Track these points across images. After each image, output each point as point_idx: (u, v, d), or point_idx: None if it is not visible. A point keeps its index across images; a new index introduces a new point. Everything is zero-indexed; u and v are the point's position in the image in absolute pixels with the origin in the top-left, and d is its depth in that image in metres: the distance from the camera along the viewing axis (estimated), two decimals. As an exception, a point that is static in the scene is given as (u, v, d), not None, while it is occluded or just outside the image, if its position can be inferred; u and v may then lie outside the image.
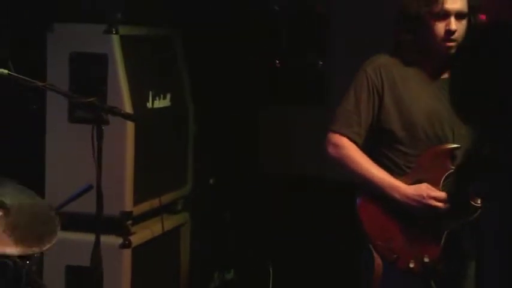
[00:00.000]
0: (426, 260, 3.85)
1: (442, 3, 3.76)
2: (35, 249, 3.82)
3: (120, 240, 4.93)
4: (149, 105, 5.27)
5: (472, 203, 3.79)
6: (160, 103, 5.43)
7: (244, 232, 5.94)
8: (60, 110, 4.94)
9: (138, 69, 5.14)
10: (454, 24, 3.77)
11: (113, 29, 4.90)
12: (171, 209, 5.63)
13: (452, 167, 3.86)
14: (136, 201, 5.08)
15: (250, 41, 5.87)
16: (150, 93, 5.29)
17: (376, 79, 3.95)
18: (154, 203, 5.32)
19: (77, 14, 5.08)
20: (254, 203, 5.81)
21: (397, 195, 3.86)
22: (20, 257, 3.88)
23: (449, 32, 3.77)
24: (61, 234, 4.12)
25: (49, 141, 5.07)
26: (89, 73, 4.97)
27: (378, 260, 3.97)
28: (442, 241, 3.86)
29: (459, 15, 3.78)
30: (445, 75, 3.98)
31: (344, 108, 4.01)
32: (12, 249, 3.70)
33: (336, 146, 3.99)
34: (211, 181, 5.95)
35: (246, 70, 5.89)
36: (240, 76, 5.89)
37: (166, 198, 5.46)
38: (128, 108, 4.90)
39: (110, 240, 4.79)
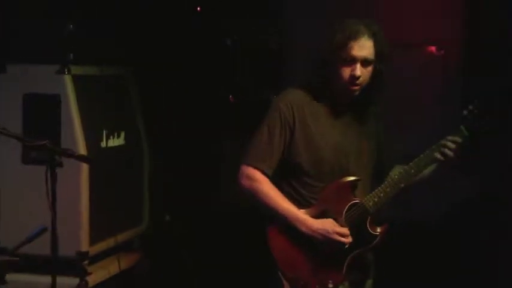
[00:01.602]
0: (330, 285, 3.92)
1: (349, 50, 3.85)
2: None
3: (76, 281, 4.81)
4: (103, 144, 5.21)
5: (371, 231, 3.91)
6: (115, 142, 5.37)
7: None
8: (13, 151, 4.83)
9: (92, 109, 5.09)
10: (358, 70, 3.85)
11: (65, 69, 4.84)
12: (128, 247, 5.57)
13: (355, 198, 3.94)
14: (93, 241, 5.00)
15: (204, 76, 5.81)
16: (104, 132, 5.23)
17: (288, 115, 3.99)
18: (111, 241, 5.26)
19: (29, 54, 5.03)
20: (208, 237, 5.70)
21: (303, 229, 3.90)
22: None
23: (353, 77, 3.85)
24: (17, 277, 4.24)
25: (2, 182, 4.98)
26: (42, 114, 4.90)
27: (286, 285, 3.98)
28: (344, 268, 3.92)
29: (365, 62, 3.87)
30: (351, 113, 4.08)
31: (258, 141, 4.01)
32: None
33: (249, 178, 4.01)
34: (167, 218, 5.87)
35: (202, 105, 5.87)
36: (196, 111, 5.85)
37: (122, 236, 5.43)
38: (82, 149, 4.84)
39: (67, 282, 4.69)
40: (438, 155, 3.88)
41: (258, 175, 3.98)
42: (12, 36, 5.21)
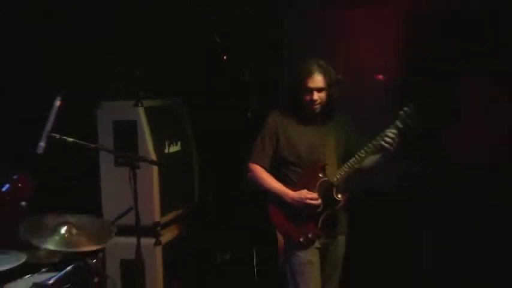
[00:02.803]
0: (310, 235, 4.60)
1: (307, 84, 4.54)
2: (99, 246, 4.50)
3: (153, 241, 5.54)
4: (166, 151, 5.83)
5: (336, 198, 4.56)
6: (174, 149, 5.98)
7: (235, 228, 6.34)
8: (108, 158, 5.54)
9: (157, 128, 5.67)
10: (315, 95, 4.56)
11: (139, 103, 5.54)
12: (186, 217, 6.19)
13: (323, 177, 4.57)
14: (162, 214, 5.67)
15: (229, 101, 6.23)
16: (166, 142, 5.85)
17: (273, 126, 4.69)
18: (174, 214, 5.94)
19: (115, 94, 5.67)
20: (241, 210, 6.17)
21: (287, 198, 4.58)
22: (89, 256, 4.56)
23: (312, 101, 4.57)
24: (115, 239, 4.78)
25: (102, 179, 5.69)
26: (125, 134, 5.52)
27: (281, 238, 4.72)
28: (319, 223, 4.58)
29: (319, 90, 4.56)
30: (317, 121, 4.69)
31: (256, 146, 4.71)
32: (86, 247, 4.41)
33: (252, 170, 4.73)
34: (210, 198, 6.45)
35: (229, 120, 6.21)
36: (225, 125, 6.22)
37: (181, 210, 6.09)
38: (152, 155, 5.52)
39: (147, 241, 5.33)
40: (381, 142, 4.42)
41: (257, 168, 4.72)
42: (103, 83, 5.79)
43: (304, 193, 4.54)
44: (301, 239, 4.58)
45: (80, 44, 5.94)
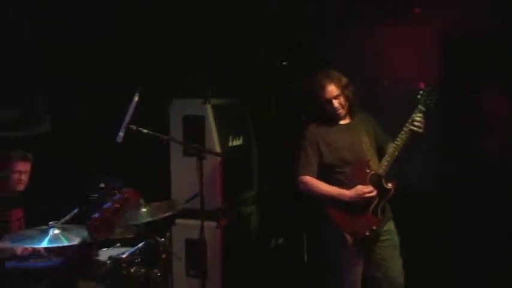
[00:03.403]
0: (374, 227, 4.71)
1: (324, 95, 4.71)
2: (167, 213, 4.80)
3: (215, 224, 5.77)
4: (230, 144, 6.12)
5: (386, 187, 4.67)
6: (236, 142, 6.26)
7: (290, 217, 6.47)
8: (178, 149, 5.87)
9: (222, 123, 5.96)
10: (335, 103, 4.73)
11: (207, 101, 5.89)
12: (245, 203, 6.47)
13: (370, 171, 4.67)
14: (224, 201, 5.93)
15: (282, 105, 6.51)
16: (230, 137, 6.15)
17: (312, 136, 4.80)
18: (234, 201, 6.18)
19: (186, 93, 5.98)
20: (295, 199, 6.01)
21: (344, 198, 4.66)
22: (158, 235, 4.80)
23: (334, 109, 4.75)
24: (182, 221, 5.61)
25: (172, 167, 6.01)
26: (194, 128, 5.82)
27: (349, 237, 4.70)
28: (379, 214, 4.70)
29: (335, 97, 4.73)
30: (344, 122, 4.84)
31: (300, 159, 4.81)
32: (156, 217, 4.68)
33: (303, 182, 4.78)
34: (267, 186, 6.63)
35: (283, 121, 6.46)
36: (280, 123, 6.50)
37: (241, 197, 6.37)
38: (217, 147, 5.83)
39: (209, 224, 5.51)
40: (411, 127, 4.56)
41: (307, 178, 4.78)
42: (175, 82, 6.13)
43: (360, 188, 4.63)
44: (367, 233, 4.67)
45: (158, 47, 6.37)
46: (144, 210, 4.82)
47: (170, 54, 6.37)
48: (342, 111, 4.77)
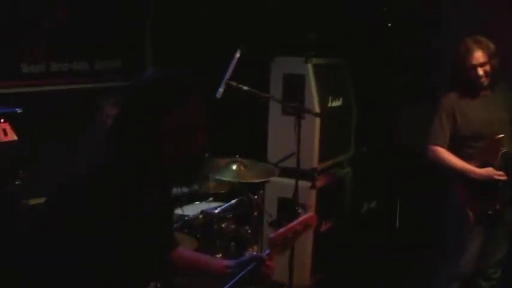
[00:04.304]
0: (497, 207, 4.63)
1: (471, 61, 4.56)
2: (262, 179, 4.91)
3: (309, 184, 5.79)
4: (329, 105, 6.07)
5: None
6: (336, 103, 6.21)
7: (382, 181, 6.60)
8: (277, 107, 5.85)
9: (323, 83, 5.90)
10: (480, 71, 4.56)
11: (308, 60, 5.80)
12: (341, 165, 6.48)
13: (503, 148, 4.54)
14: (320, 161, 5.92)
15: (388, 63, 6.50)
16: (330, 97, 6.09)
17: (449, 106, 4.69)
18: (331, 162, 6.20)
19: (288, 50, 5.97)
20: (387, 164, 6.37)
21: (474, 175, 4.58)
22: (251, 192, 4.87)
23: (478, 76, 4.58)
24: (276, 179, 5.40)
25: (270, 125, 6.02)
26: (294, 86, 5.78)
27: (470, 213, 4.68)
28: (502, 197, 4.60)
29: (482, 65, 4.56)
30: (484, 93, 4.68)
31: (434, 128, 4.73)
32: (251, 179, 4.76)
33: (432, 152, 4.72)
34: (364, 149, 6.68)
35: (385, 82, 6.51)
36: (382, 86, 6.57)
37: (337, 159, 6.36)
38: (317, 107, 5.77)
39: (304, 184, 5.57)
40: None
41: (438, 148, 4.70)
42: (278, 40, 6.15)
43: (491, 170, 4.55)
44: (490, 212, 4.62)
45: (264, 4, 6.40)
46: (232, 169, 4.88)
47: (275, 11, 6.38)
48: (484, 80, 4.61)
